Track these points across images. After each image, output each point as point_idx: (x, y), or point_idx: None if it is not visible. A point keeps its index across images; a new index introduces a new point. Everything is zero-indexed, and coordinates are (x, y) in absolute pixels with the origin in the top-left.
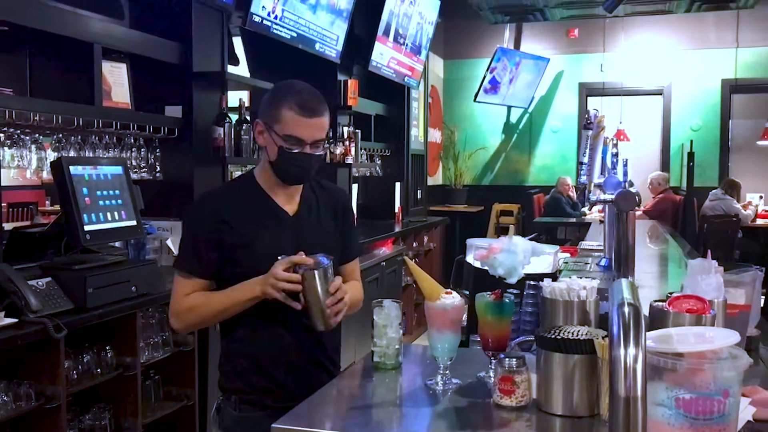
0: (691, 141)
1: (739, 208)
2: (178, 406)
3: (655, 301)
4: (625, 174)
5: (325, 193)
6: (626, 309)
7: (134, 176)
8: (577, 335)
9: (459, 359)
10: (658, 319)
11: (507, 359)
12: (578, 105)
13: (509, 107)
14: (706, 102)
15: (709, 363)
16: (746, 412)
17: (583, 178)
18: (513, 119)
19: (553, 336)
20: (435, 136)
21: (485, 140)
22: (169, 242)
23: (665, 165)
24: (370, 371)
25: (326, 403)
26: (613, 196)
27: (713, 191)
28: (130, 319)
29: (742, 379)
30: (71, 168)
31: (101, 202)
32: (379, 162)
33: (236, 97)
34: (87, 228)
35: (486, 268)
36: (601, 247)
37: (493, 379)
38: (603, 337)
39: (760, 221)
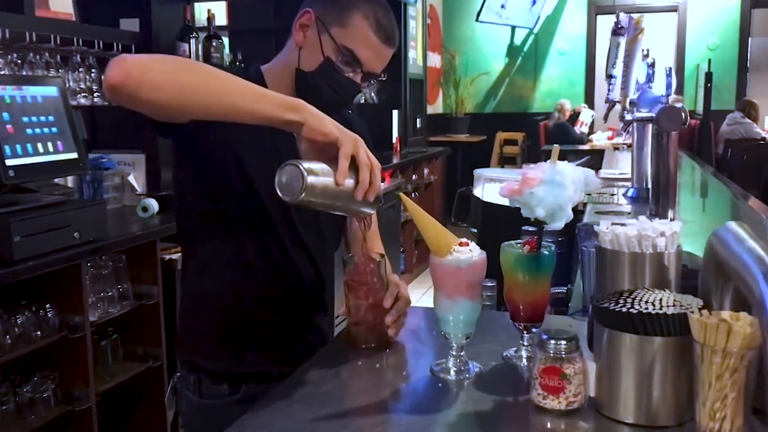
0: (709, 60)
1: (760, 131)
2: (142, 367)
3: None
4: (668, 86)
5: (340, 121)
6: None
7: (85, 102)
8: (660, 306)
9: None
10: None
11: (552, 341)
12: (587, 25)
13: (513, 28)
14: (724, 19)
15: None
16: None
17: (614, 94)
18: (517, 41)
19: (624, 309)
20: (434, 60)
21: (488, 64)
22: (131, 178)
23: (680, 87)
24: (353, 352)
25: (290, 406)
26: (650, 114)
27: (731, 114)
28: (74, 271)
29: None
30: None
31: (29, 131)
32: (375, 86)
33: (213, 14)
34: (9, 162)
35: (516, 206)
36: (626, 176)
37: (527, 362)
38: (700, 309)
39: None
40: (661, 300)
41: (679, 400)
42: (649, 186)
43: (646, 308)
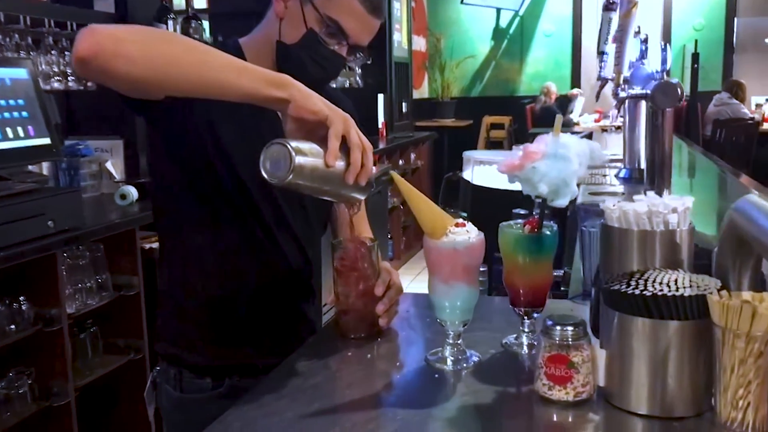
0: (696, 41)
1: (747, 112)
2: (123, 360)
3: None
4: (664, 61)
5: (326, 98)
6: None
7: (59, 86)
8: (675, 288)
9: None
10: None
11: (558, 327)
12: (572, 6)
13: (498, 10)
14: None
15: None
16: None
17: (606, 72)
18: (503, 23)
19: (637, 291)
20: (419, 44)
21: (474, 47)
22: (109, 165)
23: None
24: (342, 341)
25: (277, 401)
26: (644, 91)
27: (718, 95)
28: (49, 261)
29: None
30: None
31: None
32: (359, 71)
33: None
34: None
35: (515, 183)
36: (617, 157)
37: (528, 350)
38: (719, 290)
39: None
40: (676, 281)
41: (696, 388)
42: (642, 166)
43: (661, 290)
